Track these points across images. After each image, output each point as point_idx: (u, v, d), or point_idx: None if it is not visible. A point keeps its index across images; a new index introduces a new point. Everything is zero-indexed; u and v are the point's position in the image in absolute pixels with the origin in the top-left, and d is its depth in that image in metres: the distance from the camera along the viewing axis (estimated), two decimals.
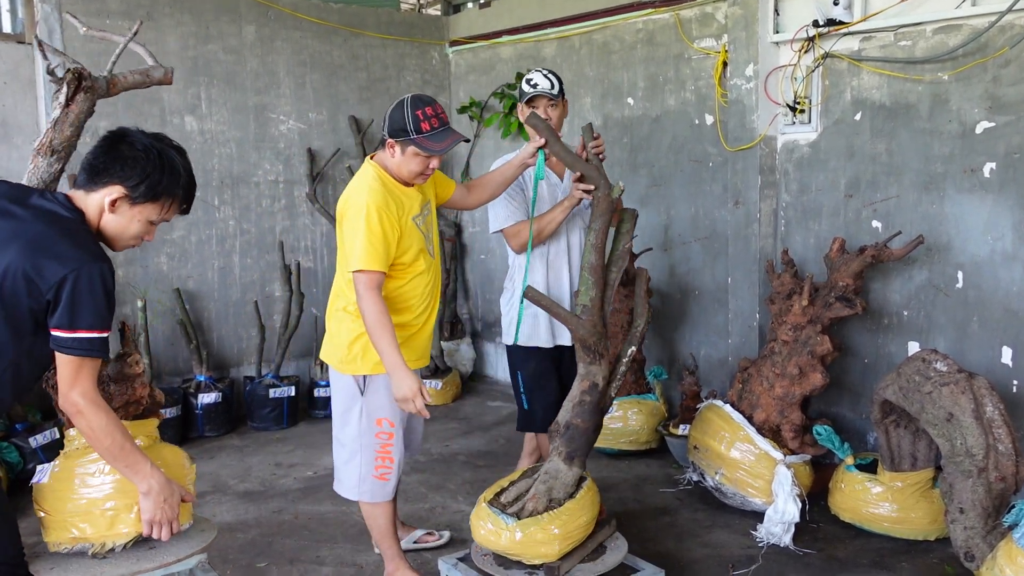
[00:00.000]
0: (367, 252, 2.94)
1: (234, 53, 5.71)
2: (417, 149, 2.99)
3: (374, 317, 2.93)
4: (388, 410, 3.16)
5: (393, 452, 3.20)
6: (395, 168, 3.09)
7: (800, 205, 4.65)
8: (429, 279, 3.22)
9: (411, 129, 2.97)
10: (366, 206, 2.96)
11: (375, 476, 3.20)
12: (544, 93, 3.52)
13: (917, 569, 3.51)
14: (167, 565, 2.36)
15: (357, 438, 3.19)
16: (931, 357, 3.48)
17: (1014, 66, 3.78)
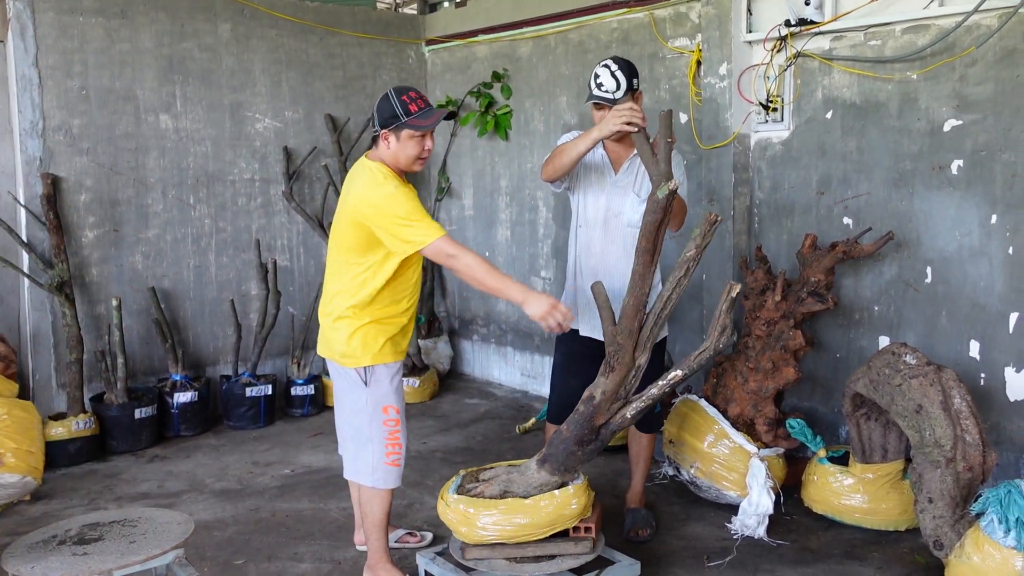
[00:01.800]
0: (427, 222, 3.03)
1: (209, 51, 5.69)
2: (411, 131, 3.11)
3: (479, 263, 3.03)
4: (392, 398, 3.27)
5: (401, 438, 3.30)
6: (392, 159, 3.18)
7: (773, 202, 4.71)
8: (420, 274, 3.35)
9: (401, 113, 3.09)
10: (396, 189, 3.06)
11: (387, 463, 3.29)
12: (606, 100, 3.35)
13: (888, 559, 3.58)
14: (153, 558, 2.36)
15: (366, 428, 3.27)
16: (901, 350, 3.54)
17: (980, 65, 3.86)
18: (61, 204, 5.16)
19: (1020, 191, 3.79)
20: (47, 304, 5.13)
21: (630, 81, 3.38)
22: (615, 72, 3.37)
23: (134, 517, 2.63)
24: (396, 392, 3.29)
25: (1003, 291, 3.89)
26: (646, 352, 3.05)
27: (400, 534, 3.81)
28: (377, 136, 3.19)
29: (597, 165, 3.57)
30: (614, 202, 3.55)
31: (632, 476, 3.95)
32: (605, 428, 3.07)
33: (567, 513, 3.08)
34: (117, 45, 5.33)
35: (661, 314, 3.04)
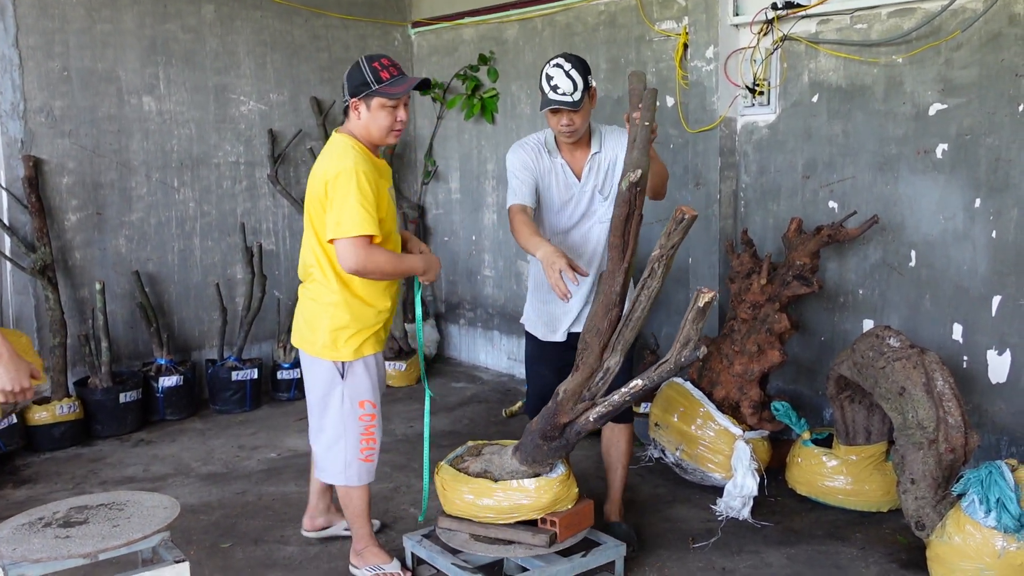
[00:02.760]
0: (362, 215, 2.89)
1: (193, 32, 5.63)
2: (382, 99, 2.97)
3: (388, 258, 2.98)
4: (370, 392, 3.18)
5: (376, 434, 3.23)
6: (363, 132, 3.05)
7: (759, 186, 4.72)
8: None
9: (371, 81, 2.96)
10: (352, 173, 2.91)
11: (361, 459, 3.22)
12: (565, 104, 3.12)
13: (870, 539, 3.61)
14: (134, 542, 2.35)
15: (340, 423, 3.18)
16: (884, 333, 3.57)
17: (965, 49, 3.87)
18: (43, 187, 5.11)
19: (1004, 175, 3.81)
20: (30, 288, 5.09)
21: (585, 79, 3.14)
22: (569, 72, 3.12)
23: (122, 500, 2.62)
24: (374, 387, 3.20)
25: (986, 274, 3.91)
26: (616, 354, 2.91)
27: (344, 525, 3.67)
28: (348, 107, 3.05)
29: (559, 175, 3.38)
30: (582, 206, 3.41)
31: (609, 485, 3.66)
32: (570, 428, 2.95)
33: (531, 504, 3.03)
34: (99, 25, 5.26)
35: (631, 316, 2.88)
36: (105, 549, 2.31)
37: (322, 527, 3.66)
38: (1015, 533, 2.93)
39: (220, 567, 3.46)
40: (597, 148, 3.37)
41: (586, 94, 3.16)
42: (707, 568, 3.39)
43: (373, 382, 3.20)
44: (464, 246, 6.64)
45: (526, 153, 3.37)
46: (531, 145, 3.39)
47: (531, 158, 3.35)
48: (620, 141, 3.33)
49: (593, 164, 3.38)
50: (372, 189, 2.94)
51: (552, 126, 3.28)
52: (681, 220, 2.71)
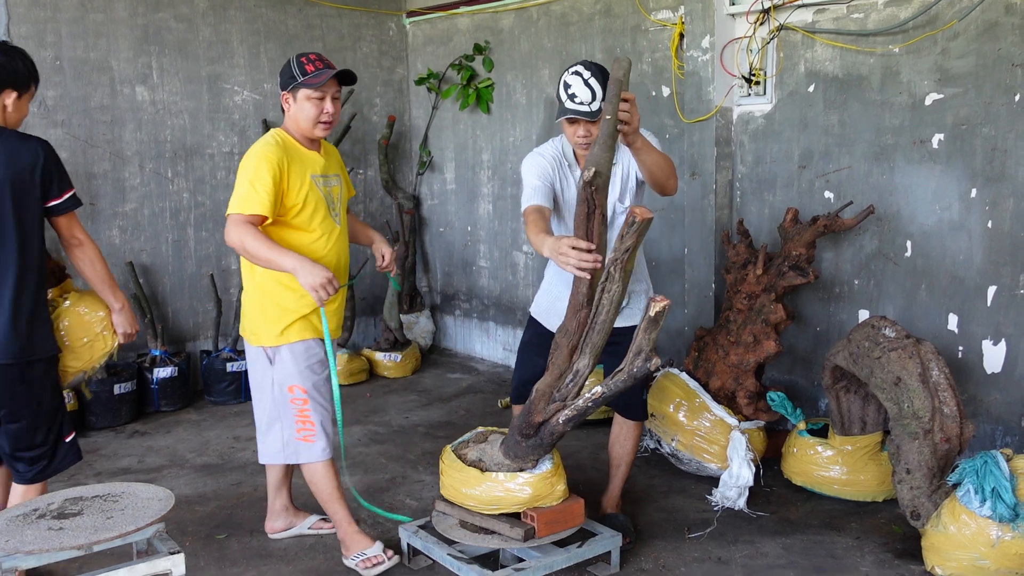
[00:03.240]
0: (246, 194, 2.98)
1: (186, 21, 5.60)
2: (307, 91, 3.09)
3: (258, 242, 2.93)
4: (297, 377, 3.22)
5: (312, 415, 3.25)
6: (293, 124, 3.17)
7: (755, 176, 4.71)
8: (331, 244, 3.24)
9: (297, 74, 3.09)
10: (254, 156, 3.04)
11: (298, 439, 3.26)
12: (583, 114, 3.02)
13: (865, 529, 3.62)
14: (125, 535, 2.34)
15: (274, 407, 3.27)
16: (880, 324, 3.57)
17: (962, 39, 3.86)
18: None
19: (1000, 165, 3.80)
20: None
21: (605, 88, 2.95)
22: (588, 80, 3.01)
23: (117, 492, 2.61)
24: (304, 372, 3.21)
25: (981, 264, 3.91)
26: (585, 357, 2.84)
27: (314, 520, 3.67)
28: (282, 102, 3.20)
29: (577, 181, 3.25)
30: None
31: (611, 479, 3.65)
32: (544, 428, 2.90)
33: (509, 498, 3.03)
34: (91, 15, 5.23)
35: (596, 320, 2.78)
36: (98, 541, 2.31)
37: (282, 529, 3.63)
38: (1010, 522, 2.94)
39: (215, 558, 3.46)
40: (615, 159, 3.18)
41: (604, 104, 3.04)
42: (703, 558, 3.39)
43: (303, 368, 3.21)
44: (459, 237, 6.62)
45: (546, 161, 3.26)
46: (549, 155, 3.27)
47: (550, 167, 3.25)
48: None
49: (612, 176, 3.18)
50: (276, 174, 3.01)
51: (568, 136, 3.18)
52: (632, 223, 2.62)
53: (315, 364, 3.27)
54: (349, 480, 3.51)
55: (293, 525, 3.64)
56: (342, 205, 3.35)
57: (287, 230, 3.14)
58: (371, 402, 5.56)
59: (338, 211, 3.30)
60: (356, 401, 5.58)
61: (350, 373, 5.92)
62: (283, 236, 3.13)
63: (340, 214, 3.32)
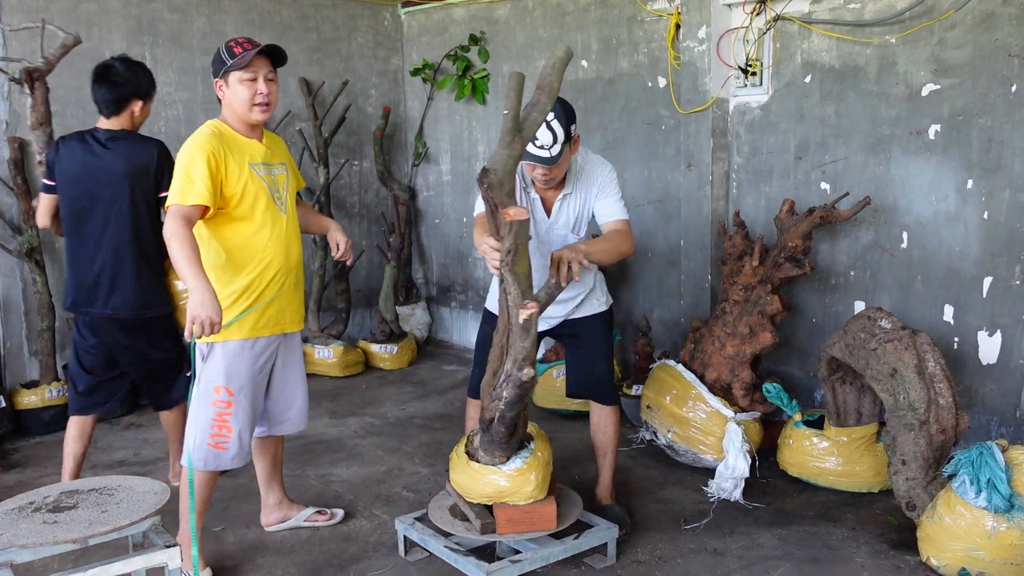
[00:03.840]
0: (182, 185, 2.90)
1: (179, 12, 5.56)
2: (238, 73, 3.01)
3: (182, 243, 2.78)
4: (225, 378, 3.07)
5: (231, 422, 3.10)
6: (229, 112, 3.09)
7: (751, 167, 4.70)
8: (276, 235, 3.11)
9: (226, 58, 3.02)
10: (189, 147, 2.96)
11: (208, 444, 3.10)
12: (542, 160, 3.05)
13: (861, 520, 3.62)
14: (120, 529, 2.34)
15: (196, 403, 3.11)
16: (876, 315, 3.57)
17: (959, 29, 3.85)
18: (29, 169, 5.04)
19: (996, 156, 3.80)
20: (16, 271, 5.04)
21: (567, 131, 3.03)
22: (551, 123, 2.99)
23: (113, 485, 2.60)
24: (233, 374, 3.07)
25: (977, 256, 3.91)
26: (509, 360, 2.84)
27: (309, 512, 3.65)
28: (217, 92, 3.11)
29: (531, 210, 3.29)
30: (553, 243, 3.31)
31: (599, 470, 3.65)
32: (492, 424, 2.96)
33: (475, 490, 3.08)
34: (84, 4, 5.19)
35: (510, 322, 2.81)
36: (93, 535, 2.30)
37: (277, 521, 3.61)
38: (1005, 513, 2.94)
39: (212, 551, 3.45)
40: (569, 190, 3.28)
41: (567, 146, 3.07)
42: (699, 549, 3.39)
43: (234, 370, 3.07)
44: (455, 228, 6.61)
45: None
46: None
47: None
48: (594, 178, 3.29)
49: (564, 204, 3.31)
50: (212, 163, 2.93)
51: (528, 172, 3.21)
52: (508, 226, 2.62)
53: (248, 366, 3.11)
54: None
55: (289, 517, 3.64)
56: (289, 194, 3.23)
57: (228, 222, 3.03)
58: (367, 394, 5.55)
59: (284, 200, 3.18)
60: (352, 393, 5.58)
61: (346, 365, 5.91)
62: (224, 229, 3.03)
63: (287, 203, 3.20)
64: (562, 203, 3.31)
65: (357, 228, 6.63)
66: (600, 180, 3.29)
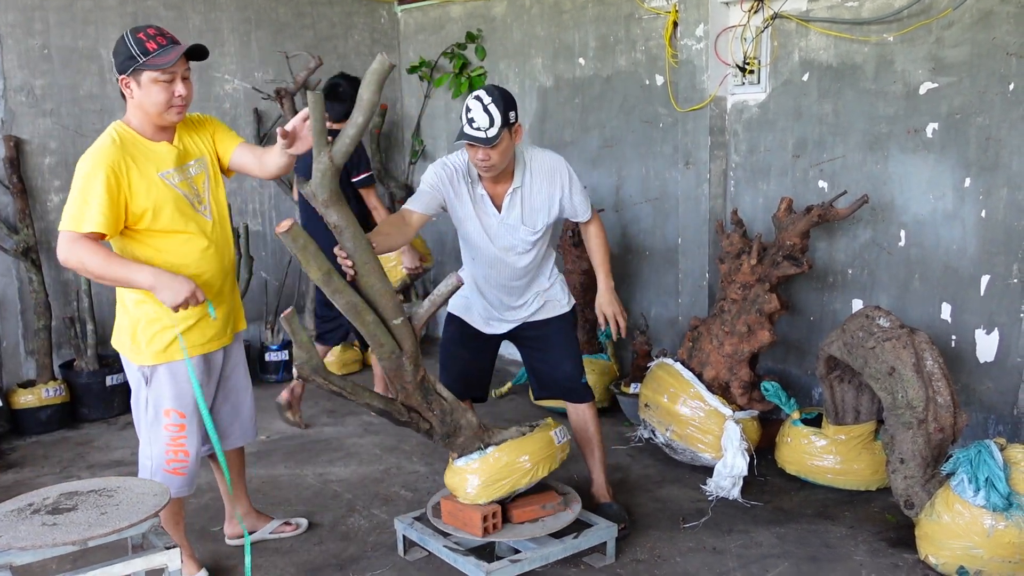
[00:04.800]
0: (77, 208, 2.63)
1: (175, 9, 5.54)
2: (152, 73, 2.69)
3: (97, 258, 2.60)
4: (174, 400, 2.90)
5: (187, 444, 2.94)
6: (139, 113, 2.78)
7: (749, 165, 4.70)
8: (205, 245, 2.88)
9: (137, 53, 2.68)
10: (88, 162, 2.68)
11: (166, 470, 2.93)
12: (479, 140, 3.01)
13: (859, 518, 3.63)
14: (119, 531, 2.33)
15: (146, 430, 2.94)
16: (874, 314, 3.57)
17: (957, 28, 3.85)
18: (25, 167, 5.03)
19: (994, 154, 3.80)
20: (13, 270, 5.02)
21: (505, 116, 3.01)
22: (488, 106, 2.99)
23: (113, 486, 2.59)
24: (182, 395, 2.89)
25: (975, 254, 3.92)
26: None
27: (275, 524, 3.57)
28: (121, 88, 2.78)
29: (479, 206, 3.29)
30: (506, 238, 3.32)
31: (590, 470, 3.65)
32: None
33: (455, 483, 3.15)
34: (79, 2, 5.17)
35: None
36: (92, 537, 2.29)
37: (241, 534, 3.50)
38: (1004, 512, 2.95)
39: (210, 551, 3.45)
40: (519, 183, 3.26)
41: (505, 130, 3.04)
42: (698, 548, 3.40)
43: (181, 390, 2.89)
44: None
45: (445, 173, 3.24)
46: (452, 168, 3.25)
47: (445, 182, 3.23)
48: (554, 175, 3.30)
49: (515, 198, 3.28)
50: (111, 183, 2.65)
51: (471, 158, 3.16)
52: (288, 240, 2.55)
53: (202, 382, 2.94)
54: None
55: (255, 529, 3.54)
56: (211, 193, 2.95)
57: (149, 238, 2.79)
58: None
59: (207, 203, 2.92)
60: None
61: (343, 364, 5.90)
62: (146, 248, 2.79)
63: (210, 206, 2.93)
64: (512, 197, 3.28)
65: None
66: (561, 177, 3.31)
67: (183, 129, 2.93)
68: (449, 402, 3.05)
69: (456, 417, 3.07)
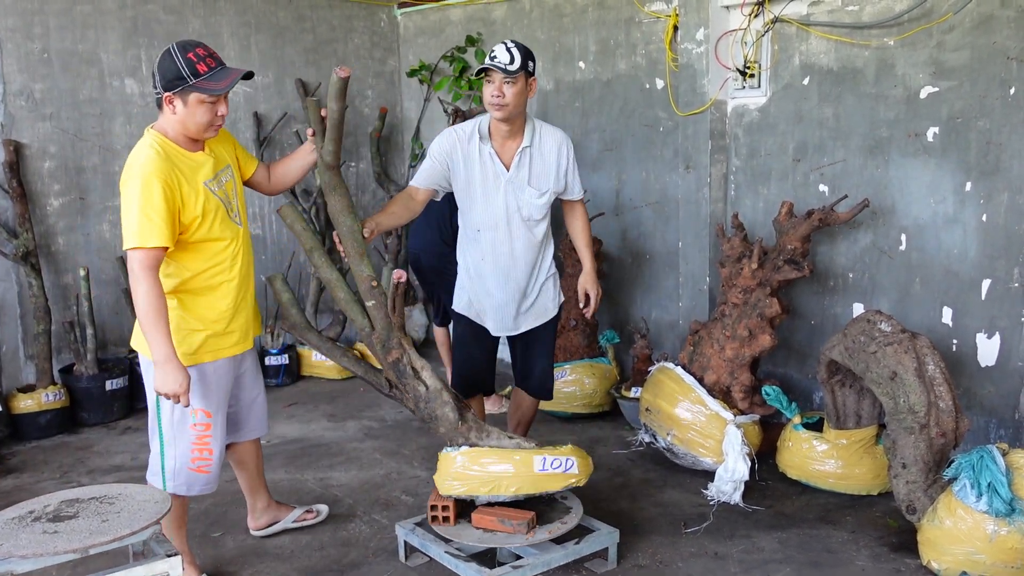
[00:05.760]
0: (141, 225, 2.66)
1: (175, 13, 5.54)
2: (200, 95, 2.74)
3: (150, 301, 2.67)
4: (201, 400, 2.96)
5: (212, 443, 3.02)
6: (178, 127, 2.81)
7: (750, 169, 4.70)
8: (237, 249, 2.98)
9: (188, 74, 2.71)
10: (141, 177, 2.69)
11: (191, 468, 3.00)
12: (498, 67, 3.19)
13: (861, 523, 3.63)
14: (120, 538, 2.32)
15: (170, 429, 2.98)
16: (876, 318, 3.56)
17: (957, 32, 3.85)
18: (24, 171, 5.02)
19: (995, 158, 3.80)
20: (12, 274, 5.01)
21: (525, 61, 3.23)
22: (511, 48, 3.23)
23: (114, 494, 2.58)
24: (210, 394, 2.98)
25: (976, 258, 3.92)
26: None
27: (298, 513, 3.64)
28: (161, 100, 2.78)
29: (486, 163, 3.37)
30: (511, 200, 3.39)
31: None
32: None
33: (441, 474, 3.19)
34: (79, 6, 5.16)
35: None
36: (94, 545, 2.28)
37: (267, 524, 3.58)
38: (1006, 517, 2.94)
39: (211, 557, 3.44)
40: (528, 142, 3.37)
41: (523, 72, 3.22)
42: (700, 553, 3.39)
43: (209, 390, 2.97)
44: None
45: (455, 136, 3.39)
46: (460, 132, 3.40)
47: (455, 145, 3.37)
48: (561, 147, 3.45)
49: (523, 157, 3.38)
50: (168, 195, 2.71)
51: (485, 98, 3.29)
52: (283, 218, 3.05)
53: (225, 385, 3.05)
54: None
55: (278, 520, 3.61)
56: (240, 200, 3.04)
57: (189, 249, 2.86)
58: (365, 396, 5.54)
59: (236, 210, 3.01)
60: (350, 396, 5.56)
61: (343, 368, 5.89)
62: (183, 255, 2.85)
63: (240, 213, 3.03)
64: (522, 155, 3.38)
65: None
66: (566, 149, 3.46)
67: (210, 143, 2.99)
68: (429, 391, 3.14)
69: (432, 408, 3.15)
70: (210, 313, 2.93)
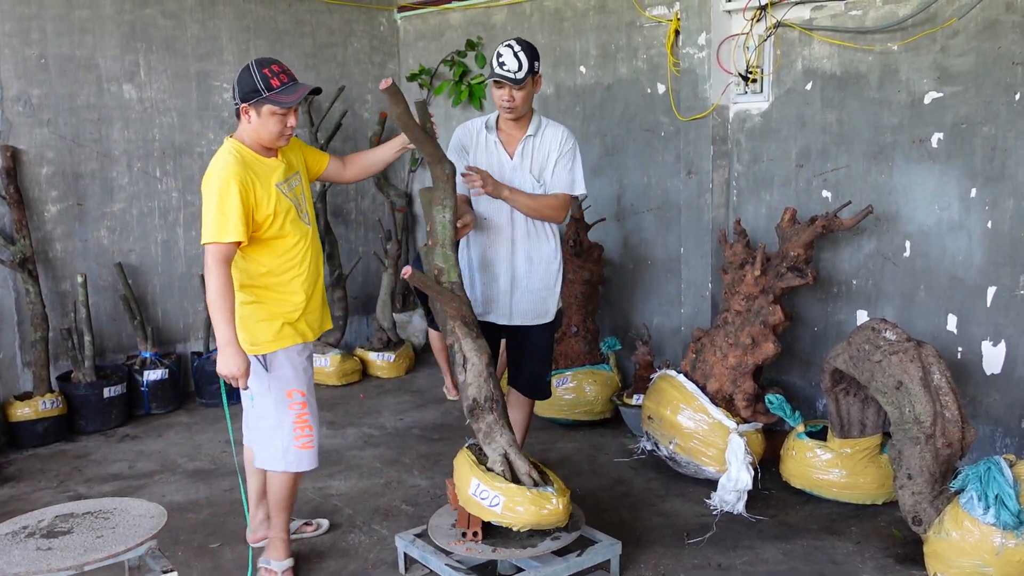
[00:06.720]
0: (218, 222, 2.93)
1: (174, 18, 5.51)
2: (272, 107, 2.98)
3: (219, 291, 2.91)
4: (294, 380, 3.20)
5: (310, 419, 3.26)
6: (253, 136, 3.06)
7: (752, 175, 4.66)
8: (306, 247, 3.20)
9: (262, 88, 2.96)
10: (220, 178, 2.95)
11: (297, 447, 3.22)
12: (507, 79, 3.32)
13: (866, 533, 3.59)
14: (116, 555, 2.29)
15: (273, 413, 3.21)
16: (881, 326, 3.53)
17: (962, 37, 3.81)
18: (22, 177, 4.99)
19: (1000, 164, 3.77)
20: (9, 281, 4.98)
21: (531, 64, 3.35)
22: (518, 53, 3.33)
23: (109, 508, 2.55)
24: (300, 376, 3.22)
25: (981, 265, 3.88)
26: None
27: (297, 524, 3.68)
28: (238, 110, 3.05)
29: (492, 151, 3.50)
30: (512, 183, 3.47)
31: None
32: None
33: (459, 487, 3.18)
34: (76, 11, 5.13)
35: None
36: (88, 562, 2.25)
37: (263, 538, 3.54)
38: (1014, 530, 2.91)
39: (209, 568, 3.40)
40: (532, 132, 3.51)
41: (530, 76, 3.36)
42: (703, 565, 3.35)
43: (298, 371, 3.22)
44: None
45: (471, 128, 3.57)
46: (472, 125, 3.58)
47: (471, 134, 3.55)
48: (559, 139, 3.52)
49: (526, 146, 3.50)
50: (243, 194, 2.94)
51: (496, 100, 3.43)
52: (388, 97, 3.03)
53: (307, 372, 3.27)
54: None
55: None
56: (308, 202, 3.28)
57: (263, 246, 3.09)
58: (365, 403, 5.50)
59: (306, 211, 3.24)
60: (350, 402, 5.53)
61: (343, 374, 5.86)
62: (257, 252, 3.08)
63: (309, 214, 3.26)
64: (525, 144, 3.51)
65: (354, 235, 6.58)
66: (562, 146, 3.50)
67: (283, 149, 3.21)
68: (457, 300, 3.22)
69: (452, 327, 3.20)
70: (286, 305, 3.16)
